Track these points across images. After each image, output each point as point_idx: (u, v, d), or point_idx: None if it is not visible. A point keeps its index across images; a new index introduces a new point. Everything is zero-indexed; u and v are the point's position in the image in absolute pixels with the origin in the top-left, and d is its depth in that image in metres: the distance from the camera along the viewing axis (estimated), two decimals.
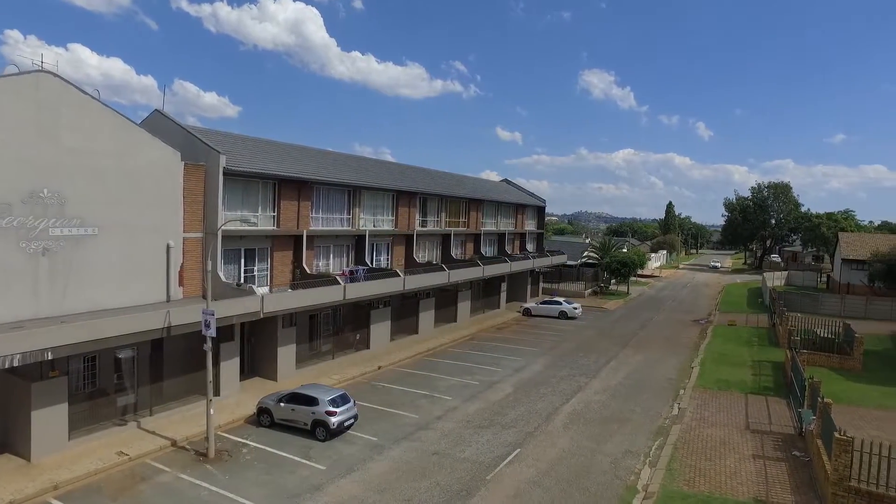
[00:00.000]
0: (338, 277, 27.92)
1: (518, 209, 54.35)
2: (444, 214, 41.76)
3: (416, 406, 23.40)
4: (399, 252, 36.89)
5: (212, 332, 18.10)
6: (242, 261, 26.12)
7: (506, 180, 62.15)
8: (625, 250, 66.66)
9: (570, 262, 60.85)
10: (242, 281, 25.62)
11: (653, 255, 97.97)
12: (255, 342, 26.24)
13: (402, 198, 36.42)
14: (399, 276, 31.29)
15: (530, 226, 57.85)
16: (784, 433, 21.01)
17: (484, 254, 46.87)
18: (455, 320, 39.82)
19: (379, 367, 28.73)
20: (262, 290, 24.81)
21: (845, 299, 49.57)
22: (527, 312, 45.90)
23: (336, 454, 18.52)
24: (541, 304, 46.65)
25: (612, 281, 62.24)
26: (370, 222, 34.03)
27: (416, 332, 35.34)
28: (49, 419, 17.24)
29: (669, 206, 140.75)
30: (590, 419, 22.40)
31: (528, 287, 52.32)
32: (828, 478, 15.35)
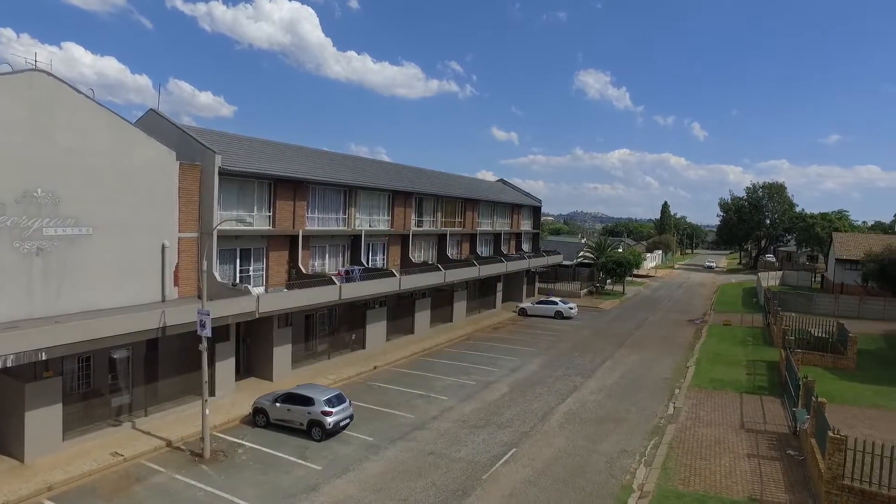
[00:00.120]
0: (333, 277, 27.89)
1: (514, 209, 54.41)
2: (439, 214, 41.78)
3: (412, 406, 23.40)
4: (395, 252, 36.88)
5: (207, 333, 18.04)
6: (238, 261, 26.07)
7: (502, 180, 62.22)
8: (620, 250, 66.79)
9: (565, 262, 60.97)
10: (238, 281, 25.57)
11: (648, 255, 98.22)
12: (250, 342, 26.19)
13: (398, 198, 36.41)
14: (395, 276, 31.29)
15: (526, 226, 57.93)
16: (778, 432, 21.11)
17: (480, 254, 46.91)
18: (451, 320, 39.84)
19: (375, 367, 28.72)
20: (258, 290, 24.77)
21: (839, 299, 49.85)
22: (523, 312, 45.95)
23: (332, 454, 18.50)
24: (537, 303, 46.72)
25: (608, 281, 62.40)
26: (366, 222, 34.01)
27: (412, 332, 35.34)
28: (43, 420, 17.16)
29: (665, 206, 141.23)
30: (585, 419, 22.45)
31: (524, 287, 52.39)
32: (821, 476, 15.43)
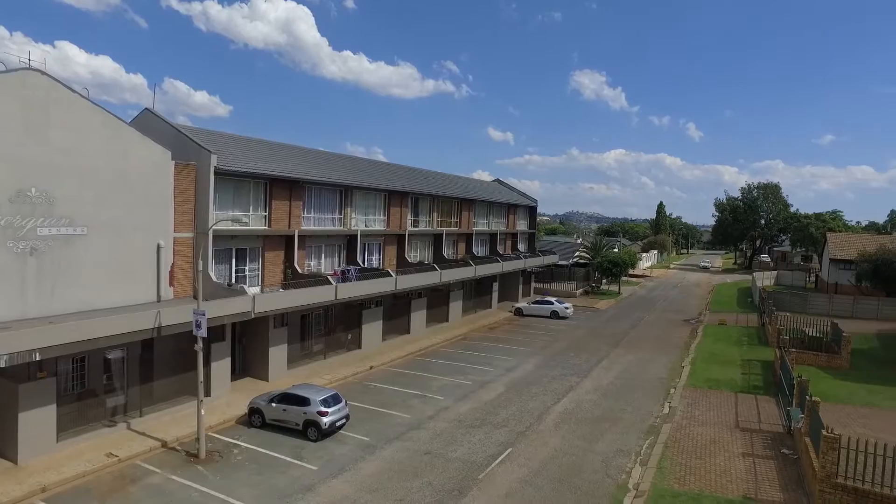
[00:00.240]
0: (329, 277, 27.86)
1: (510, 209, 54.46)
2: (435, 214, 41.77)
3: (408, 406, 23.39)
4: (391, 252, 36.86)
5: (202, 333, 18.00)
6: (234, 261, 26.00)
7: (497, 180, 62.26)
8: (616, 250, 67.02)
9: (561, 262, 61.04)
10: (234, 281, 25.50)
11: (644, 255, 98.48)
12: (246, 342, 26.13)
13: (394, 198, 36.40)
14: (391, 275, 31.27)
15: (522, 226, 57.97)
16: (773, 431, 21.21)
17: (476, 254, 46.93)
18: (447, 320, 39.83)
19: (371, 367, 28.70)
20: (254, 290, 24.71)
21: (833, 299, 50.11)
22: (518, 312, 46.00)
23: (328, 454, 18.48)
24: (532, 303, 46.78)
25: (604, 281, 62.54)
26: (362, 222, 33.98)
27: (408, 332, 35.32)
28: (37, 421, 17.07)
29: (660, 207, 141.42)
30: (581, 418, 22.49)
31: (520, 287, 52.44)
32: (815, 475, 15.52)
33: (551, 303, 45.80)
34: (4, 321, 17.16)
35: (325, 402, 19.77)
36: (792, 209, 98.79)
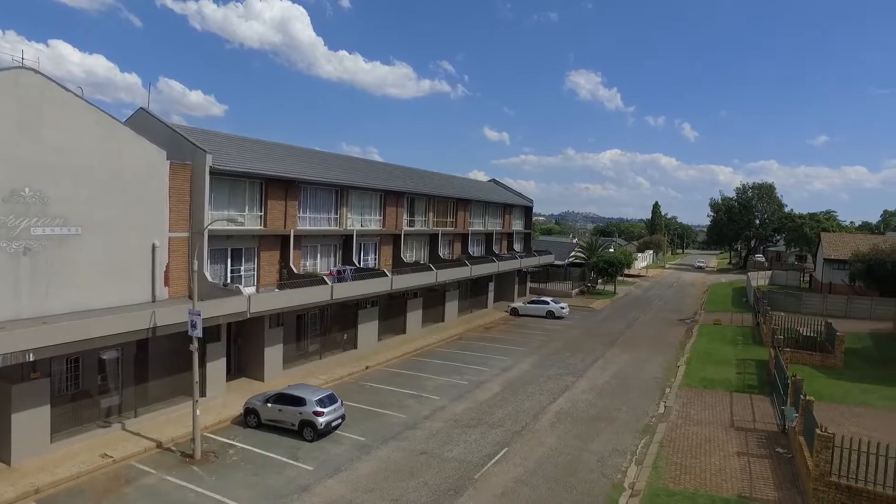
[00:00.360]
0: (325, 277, 27.81)
1: (505, 209, 54.51)
2: (431, 214, 41.77)
3: (404, 406, 23.39)
4: (386, 252, 36.82)
5: (198, 333, 17.94)
6: (229, 260, 25.93)
7: (493, 180, 62.30)
8: (612, 250, 67.13)
9: (557, 262, 61.15)
10: (229, 281, 25.43)
11: (639, 255, 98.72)
12: (241, 342, 26.07)
13: (390, 197, 36.38)
14: (387, 275, 31.25)
15: (518, 226, 58.04)
16: (767, 430, 21.31)
17: (472, 253, 46.95)
18: (443, 320, 39.84)
19: (366, 367, 28.67)
20: (249, 290, 24.65)
21: (827, 298, 50.35)
22: (514, 312, 46.04)
23: (324, 454, 18.46)
24: (528, 303, 46.84)
25: (599, 281, 62.66)
26: (358, 222, 33.94)
27: (404, 332, 35.31)
28: (30, 422, 16.98)
29: (656, 207, 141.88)
30: (577, 418, 22.54)
31: (516, 287, 52.50)
32: (809, 473, 15.59)
33: (547, 303, 45.87)
34: None
35: (321, 403, 19.74)
36: (786, 209, 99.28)
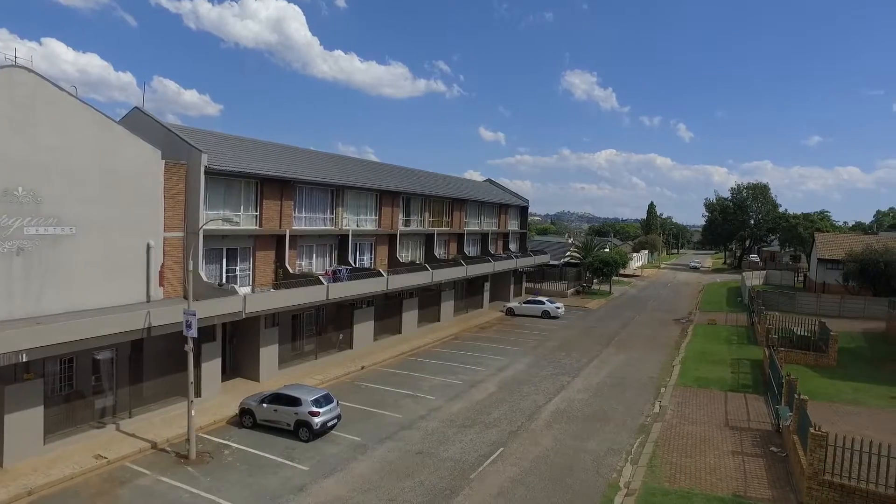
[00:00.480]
0: (321, 277, 27.76)
1: (501, 209, 54.56)
2: (427, 214, 41.76)
3: (400, 406, 23.37)
4: (382, 252, 36.79)
5: (193, 333, 17.87)
6: (224, 260, 25.84)
7: (489, 180, 62.35)
8: (607, 250, 67.23)
9: (552, 262, 61.22)
10: (224, 281, 25.34)
11: (635, 254, 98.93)
12: (237, 343, 25.99)
13: (386, 197, 36.34)
14: (382, 275, 31.22)
15: (513, 225, 58.10)
16: (762, 429, 21.40)
17: (467, 253, 46.95)
18: (438, 320, 39.83)
19: (362, 367, 28.64)
20: (245, 290, 24.57)
21: (821, 298, 50.63)
22: (510, 312, 46.07)
23: (319, 455, 18.42)
24: (524, 303, 46.88)
25: (595, 280, 62.79)
26: (353, 222, 33.89)
27: (400, 332, 35.29)
28: (23, 423, 16.86)
29: (651, 207, 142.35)
30: (573, 417, 22.58)
31: (512, 287, 52.56)
32: (803, 472, 15.68)
33: (542, 302, 45.92)
34: None
35: (317, 403, 19.70)
36: (780, 209, 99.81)
